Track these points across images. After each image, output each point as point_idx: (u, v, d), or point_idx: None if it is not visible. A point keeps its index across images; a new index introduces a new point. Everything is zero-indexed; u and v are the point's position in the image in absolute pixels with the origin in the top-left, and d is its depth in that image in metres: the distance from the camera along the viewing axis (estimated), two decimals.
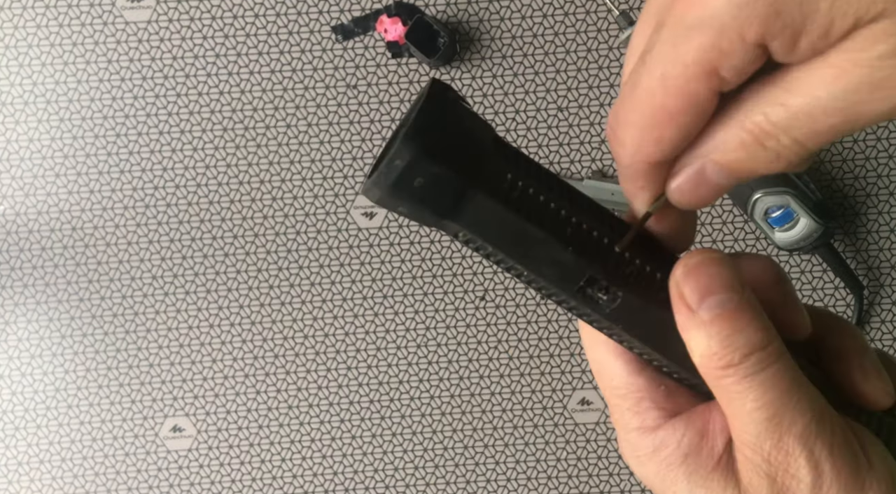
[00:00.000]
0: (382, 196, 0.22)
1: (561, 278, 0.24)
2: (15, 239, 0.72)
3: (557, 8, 0.70)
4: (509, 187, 0.23)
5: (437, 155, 0.22)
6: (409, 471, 0.73)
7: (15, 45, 0.71)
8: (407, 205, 0.23)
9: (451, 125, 0.23)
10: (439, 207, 0.23)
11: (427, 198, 0.22)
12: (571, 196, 0.24)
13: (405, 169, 0.22)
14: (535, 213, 0.23)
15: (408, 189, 0.22)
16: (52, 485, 0.73)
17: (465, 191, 0.23)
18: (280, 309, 0.72)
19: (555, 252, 0.23)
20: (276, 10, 0.71)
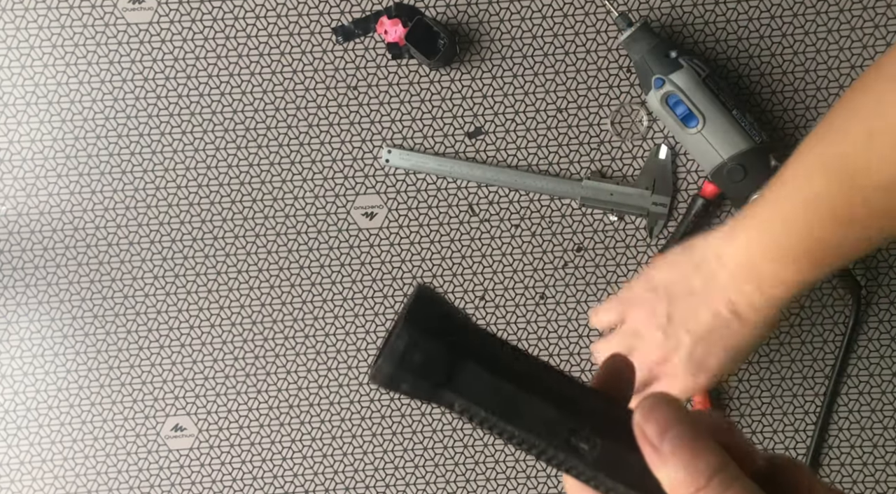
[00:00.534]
0: (389, 372, 0.26)
1: (548, 433, 0.27)
2: (17, 239, 0.73)
3: (557, 9, 0.70)
4: (493, 358, 0.27)
5: (430, 333, 0.27)
6: (408, 470, 0.73)
7: (17, 46, 0.72)
8: (409, 379, 0.27)
9: (438, 312, 0.27)
10: (437, 378, 0.27)
11: (426, 371, 0.27)
12: (544, 365, 0.29)
13: (406, 346, 0.26)
14: (518, 378, 0.28)
15: (409, 364, 0.26)
16: (53, 484, 0.74)
17: (456, 362, 0.27)
18: (281, 308, 0.73)
19: (539, 409, 0.27)
20: (276, 12, 0.71)
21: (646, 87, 0.66)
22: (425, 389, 0.27)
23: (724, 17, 0.70)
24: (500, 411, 0.27)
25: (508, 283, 0.72)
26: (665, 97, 0.65)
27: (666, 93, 0.65)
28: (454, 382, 0.27)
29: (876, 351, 0.71)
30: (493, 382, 0.27)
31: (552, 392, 0.28)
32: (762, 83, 0.70)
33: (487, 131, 0.71)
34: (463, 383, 0.27)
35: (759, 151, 0.65)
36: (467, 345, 0.28)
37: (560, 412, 0.28)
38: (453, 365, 0.27)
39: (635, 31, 0.66)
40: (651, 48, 0.65)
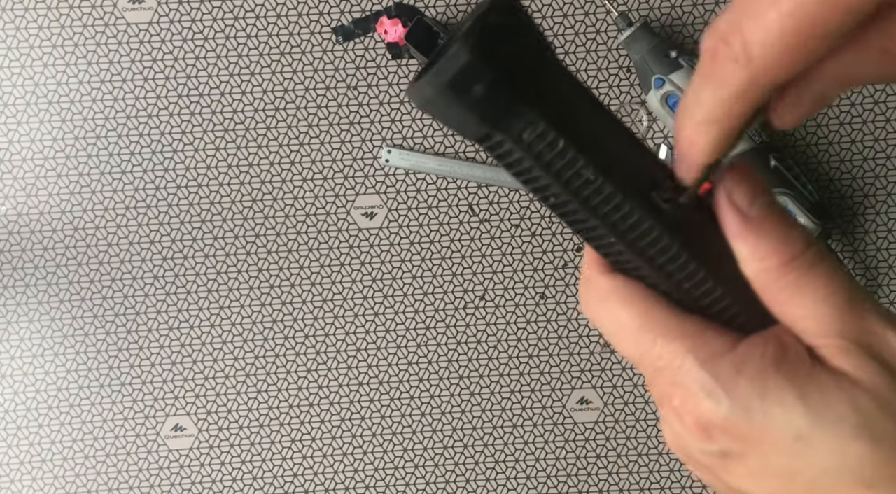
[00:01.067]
0: (435, 94, 0.21)
1: (628, 179, 0.22)
2: (17, 239, 0.73)
3: (556, 9, 0.70)
4: (577, 85, 0.23)
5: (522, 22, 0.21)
6: (408, 470, 0.73)
7: (17, 46, 0.71)
8: (482, 91, 0.21)
9: (514, 32, 0.22)
10: (527, 82, 0.21)
11: (516, 63, 0.21)
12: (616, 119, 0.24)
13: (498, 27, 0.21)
14: (605, 111, 0.23)
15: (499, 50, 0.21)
16: (53, 484, 0.74)
17: (543, 76, 0.21)
18: (281, 308, 0.73)
19: (627, 150, 0.22)
20: (276, 12, 0.71)
21: (646, 87, 0.66)
22: (503, 96, 0.21)
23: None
24: (580, 142, 0.22)
25: (508, 283, 0.72)
26: (665, 97, 0.65)
27: (666, 92, 0.65)
28: (538, 97, 0.21)
29: None
30: (579, 105, 0.22)
31: (636, 141, 0.23)
32: None
33: None
34: (549, 99, 0.21)
35: (758, 151, 0.65)
36: (554, 59, 0.22)
37: (645, 157, 0.22)
38: (542, 69, 0.21)
39: (635, 31, 0.66)
40: (651, 48, 0.65)
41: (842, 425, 0.20)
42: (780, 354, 0.21)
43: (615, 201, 0.22)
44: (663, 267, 0.23)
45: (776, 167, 0.65)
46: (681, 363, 0.22)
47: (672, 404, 0.23)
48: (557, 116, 0.22)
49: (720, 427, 0.22)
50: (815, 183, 0.69)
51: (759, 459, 0.21)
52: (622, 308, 0.24)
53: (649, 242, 0.23)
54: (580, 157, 0.22)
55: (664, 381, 0.23)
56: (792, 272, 0.22)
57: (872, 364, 0.20)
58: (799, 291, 0.22)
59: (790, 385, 0.21)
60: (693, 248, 0.23)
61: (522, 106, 0.21)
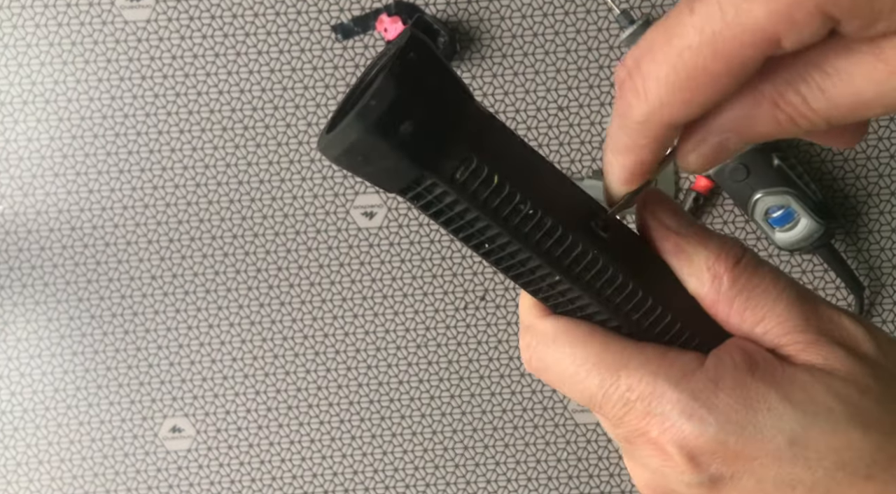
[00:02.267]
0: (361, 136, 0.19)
1: (566, 210, 0.22)
2: (14, 238, 0.72)
3: (558, 7, 0.70)
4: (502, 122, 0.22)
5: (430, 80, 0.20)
6: (409, 472, 0.73)
7: (14, 44, 0.71)
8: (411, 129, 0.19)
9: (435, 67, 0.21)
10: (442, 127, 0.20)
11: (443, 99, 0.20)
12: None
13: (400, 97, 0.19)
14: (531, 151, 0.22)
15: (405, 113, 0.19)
16: (50, 486, 0.73)
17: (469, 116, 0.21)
18: (280, 309, 0.72)
19: (559, 183, 0.22)
20: (275, 10, 0.70)
21: None
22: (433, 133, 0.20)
23: None
24: (515, 177, 0.21)
25: (509, 283, 0.71)
26: None
27: None
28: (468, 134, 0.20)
29: None
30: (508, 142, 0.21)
31: (567, 177, 0.22)
32: None
33: None
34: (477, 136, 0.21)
35: (761, 150, 0.64)
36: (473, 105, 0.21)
37: (578, 191, 0.22)
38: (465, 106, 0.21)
39: (637, 29, 0.65)
40: None
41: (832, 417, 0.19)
42: (750, 361, 0.21)
43: (556, 234, 0.21)
44: (611, 299, 0.22)
45: (779, 166, 0.64)
46: (653, 388, 0.21)
47: (650, 437, 0.21)
48: (490, 153, 0.21)
49: (709, 450, 0.20)
50: (818, 182, 0.69)
51: (754, 477, 0.20)
52: (574, 347, 0.23)
53: (595, 273, 0.22)
54: (517, 192, 0.21)
55: (636, 416, 0.21)
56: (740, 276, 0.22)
57: (840, 350, 0.20)
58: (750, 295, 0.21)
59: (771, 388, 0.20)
60: (636, 275, 0.22)
61: (453, 143, 0.20)
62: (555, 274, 0.22)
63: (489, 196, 0.21)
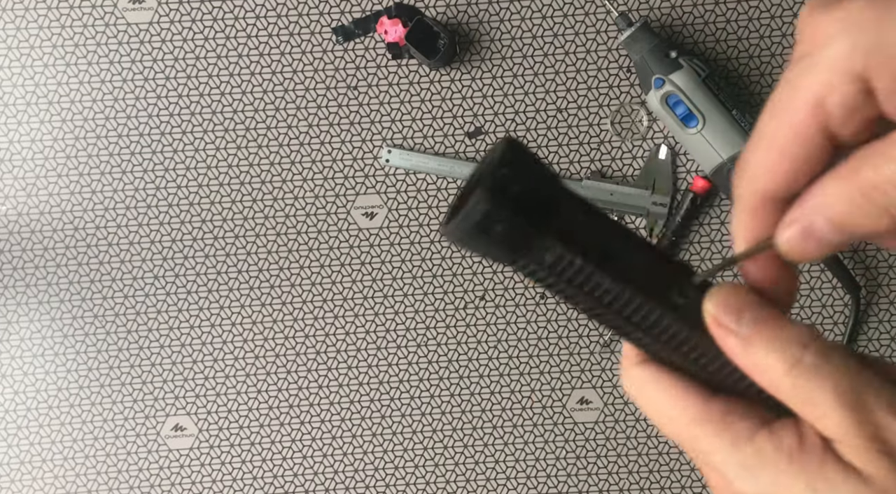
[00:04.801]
0: (484, 211, 0.24)
1: (645, 281, 0.25)
2: (17, 239, 0.73)
3: (557, 9, 0.70)
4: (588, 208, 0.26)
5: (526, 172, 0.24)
6: (408, 470, 0.73)
7: (17, 46, 0.72)
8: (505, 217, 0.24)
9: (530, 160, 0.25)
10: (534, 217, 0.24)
11: (525, 207, 0.24)
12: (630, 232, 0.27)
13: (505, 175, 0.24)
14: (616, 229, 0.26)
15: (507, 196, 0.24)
16: (53, 484, 0.74)
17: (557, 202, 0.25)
18: (281, 308, 0.73)
19: (641, 258, 0.25)
20: (277, 12, 0.71)
21: (646, 87, 0.66)
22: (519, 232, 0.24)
23: (724, 17, 0.70)
24: (596, 257, 0.24)
25: (508, 283, 0.72)
26: (665, 97, 0.65)
27: (666, 93, 0.65)
28: (553, 225, 0.24)
29: (876, 351, 0.71)
30: (596, 226, 0.25)
31: (648, 245, 0.26)
32: (762, 83, 0.70)
33: (487, 131, 0.71)
34: (564, 224, 0.24)
35: None
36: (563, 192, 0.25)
37: (659, 259, 0.25)
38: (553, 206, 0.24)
39: (635, 31, 0.66)
40: (651, 48, 0.65)
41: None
42: (796, 445, 0.23)
43: (634, 304, 0.25)
44: (688, 355, 0.26)
45: None
46: (709, 447, 0.24)
47: (710, 482, 0.25)
48: (572, 238, 0.25)
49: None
50: None
51: None
52: (657, 395, 0.26)
53: (670, 336, 0.25)
54: (597, 271, 0.25)
55: (701, 463, 0.25)
56: (797, 378, 0.22)
57: (883, 460, 0.21)
58: (807, 396, 0.22)
59: (802, 477, 0.22)
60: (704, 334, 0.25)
61: (540, 235, 0.24)
62: (639, 333, 0.26)
63: (574, 275, 0.25)
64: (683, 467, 0.72)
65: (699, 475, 0.72)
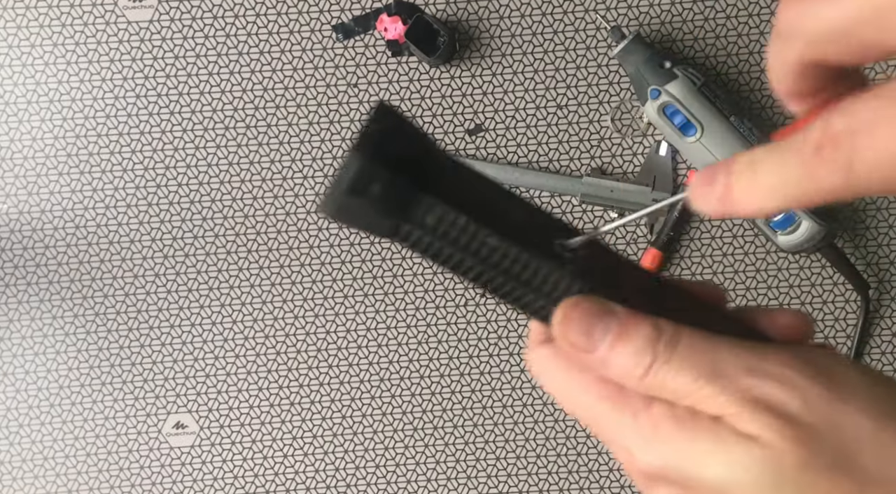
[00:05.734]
0: (340, 200, 0.23)
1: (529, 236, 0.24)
2: (18, 237, 0.73)
3: (557, 6, 0.70)
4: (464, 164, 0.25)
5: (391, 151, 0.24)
6: (410, 467, 0.73)
7: (18, 44, 0.72)
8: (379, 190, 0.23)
9: (397, 134, 0.24)
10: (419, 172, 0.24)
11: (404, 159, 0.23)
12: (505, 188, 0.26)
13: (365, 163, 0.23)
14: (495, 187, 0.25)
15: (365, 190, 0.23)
16: (55, 482, 0.74)
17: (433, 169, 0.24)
18: (282, 306, 0.73)
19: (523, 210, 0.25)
20: (276, 10, 0.71)
21: (642, 98, 0.66)
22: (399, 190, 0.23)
23: (713, 34, 0.70)
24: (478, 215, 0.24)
25: None
26: (662, 107, 0.65)
27: (662, 103, 0.65)
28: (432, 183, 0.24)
29: (888, 353, 0.71)
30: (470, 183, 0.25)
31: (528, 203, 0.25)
32: (759, 86, 0.70)
33: (487, 128, 0.71)
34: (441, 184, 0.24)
35: None
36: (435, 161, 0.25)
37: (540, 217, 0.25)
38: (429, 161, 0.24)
39: (628, 44, 0.66)
40: (645, 59, 0.65)
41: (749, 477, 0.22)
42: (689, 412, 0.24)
43: (523, 260, 0.24)
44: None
45: None
46: (610, 423, 0.25)
47: (619, 460, 0.26)
48: (453, 197, 0.24)
49: (658, 476, 0.24)
50: None
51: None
52: (559, 373, 0.26)
53: (562, 291, 0.25)
54: (482, 228, 0.24)
55: (606, 439, 0.25)
56: (656, 377, 0.23)
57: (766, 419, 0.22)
58: (674, 388, 0.23)
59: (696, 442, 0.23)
60: (605, 289, 0.25)
61: (420, 194, 0.24)
62: (533, 296, 0.25)
63: (459, 235, 0.24)
64: None
65: None
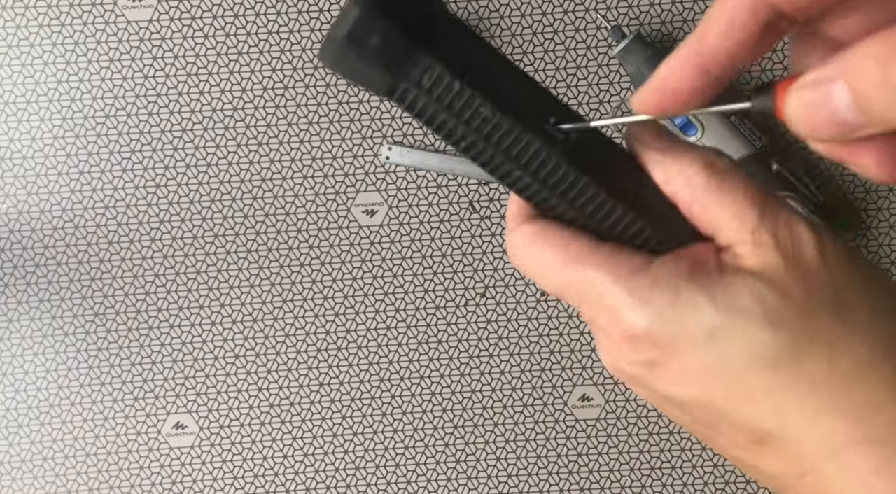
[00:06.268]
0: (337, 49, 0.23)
1: (523, 115, 0.24)
2: (17, 237, 0.73)
3: (557, 6, 0.70)
4: (470, 30, 0.25)
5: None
6: (410, 467, 0.73)
7: (17, 44, 0.72)
8: (378, 41, 0.23)
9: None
10: (420, 30, 0.23)
11: (407, 13, 0.23)
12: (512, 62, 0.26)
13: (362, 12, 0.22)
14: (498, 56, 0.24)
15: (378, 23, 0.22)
16: (55, 482, 0.74)
17: (436, 27, 0.23)
18: (281, 306, 0.73)
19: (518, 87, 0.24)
20: (276, 10, 0.71)
21: None
22: (396, 54, 0.23)
23: None
24: (475, 82, 0.23)
25: (509, 280, 0.72)
26: None
27: None
28: (432, 45, 0.23)
29: None
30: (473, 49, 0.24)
31: (529, 79, 0.25)
32: (760, 86, 0.70)
33: None
34: (443, 45, 0.23)
35: (759, 156, 0.65)
36: (442, 16, 0.24)
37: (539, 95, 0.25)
38: (432, 17, 0.23)
39: (629, 44, 0.66)
40: (646, 58, 0.65)
41: (747, 316, 0.22)
42: (693, 267, 0.23)
43: (514, 134, 0.24)
44: (568, 196, 0.25)
45: (778, 171, 0.65)
46: (601, 284, 0.24)
47: (599, 325, 0.25)
48: (452, 60, 0.23)
49: (642, 337, 0.23)
50: (818, 184, 0.69)
51: (678, 362, 0.23)
52: (544, 247, 0.25)
53: (550, 170, 0.24)
54: (476, 97, 0.23)
55: (589, 306, 0.25)
56: (714, 175, 0.24)
57: (778, 256, 0.23)
58: (721, 192, 0.24)
59: (701, 290, 0.23)
60: (595, 175, 0.24)
61: (418, 52, 0.23)
62: (520, 172, 0.25)
63: (452, 100, 0.23)
64: (685, 465, 0.72)
65: (701, 472, 0.72)
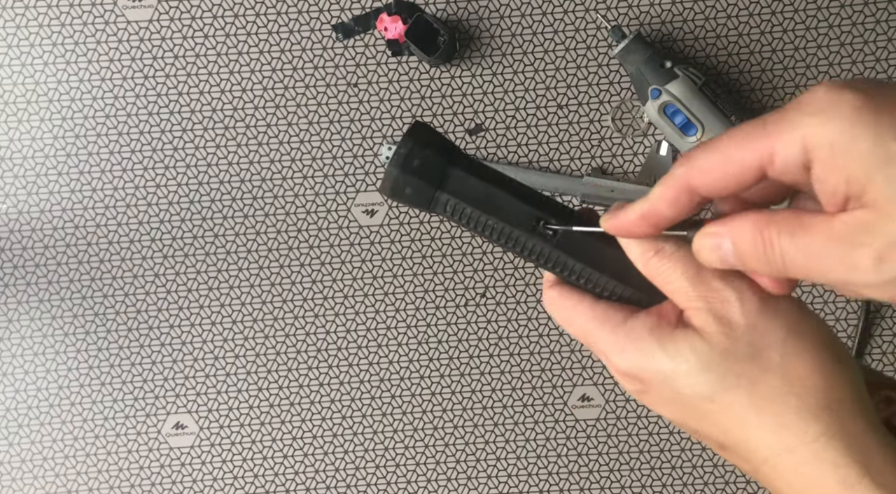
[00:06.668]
0: (395, 175, 0.34)
1: (519, 223, 0.35)
2: (17, 237, 0.73)
3: (557, 6, 0.70)
4: (475, 166, 0.35)
5: (427, 144, 0.34)
6: (410, 467, 0.73)
7: (17, 44, 0.72)
8: (412, 181, 0.34)
9: (432, 134, 0.35)
10: (433, 180, 0.34)
11: (424, 173, 0.34)
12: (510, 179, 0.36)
13: (408, 152, 0.34)
14: (494, 180, 0.35)
15: (410, 167, 0.34)
16: (55, 482, 0.74)
17: (448, 168, 0.34)
18: (282, 306, 0.73)
19: (511, 204, 0.35)
20: (276, 9, 0.71)
21: (643, 98, 0.66)
22: (424, 192, 0.34)
23: (714, 33, 0.70)
24: (483, 206, 0.35)
25: (509, 280, 0.72)
26: (662, 107, 0.65)
27: (663, 103, 0.65)
28: (446, 185, 0.34)
29: (889, 353, 0.71)
30: (477, 184, 0.35)
31: (522, 193, 0.35)
32: (760, 86, 0.70)
33: (488, 128, 0.71)
34: (454, 185, 0.34)
35: None
36: (455, 158, 0.35)
37: (528, 206, 0.35)
38: (445, 171, 0.34)
39: (629, 44, 0.66)
40: (645, 59, 0.65)
41: (685, 362, 0.31)
42: (657, 323, 0.32)
43: (515, 237, 0.35)
44: (565, 273, 0.35)
45: None
46: (596, 334, 0.34)
47: (604, 360, 0.34)
48: (462, 193, 0.34)
49: (627, 374, 0.33)
50: None
51: (654, 393, 0.33)
52: (562, 306, 0.35)
53: (547, 258, 0.35)
54: (482, 215, 0.34)
55: (594, 348, 0.34)
56: (662, 260, 0.32)
57: (710, 317, 0.31)
58: (666, 272, 0.32)
59: (656, 343, 0.32)
60: (579, 257, 0.34)
61: (438, 193, 0.34)
62: (532, 259, 0.35)
63: (469, 218, 0.35)
64: (685, 464, 0.72)
65: (701, 472, 0.72)
